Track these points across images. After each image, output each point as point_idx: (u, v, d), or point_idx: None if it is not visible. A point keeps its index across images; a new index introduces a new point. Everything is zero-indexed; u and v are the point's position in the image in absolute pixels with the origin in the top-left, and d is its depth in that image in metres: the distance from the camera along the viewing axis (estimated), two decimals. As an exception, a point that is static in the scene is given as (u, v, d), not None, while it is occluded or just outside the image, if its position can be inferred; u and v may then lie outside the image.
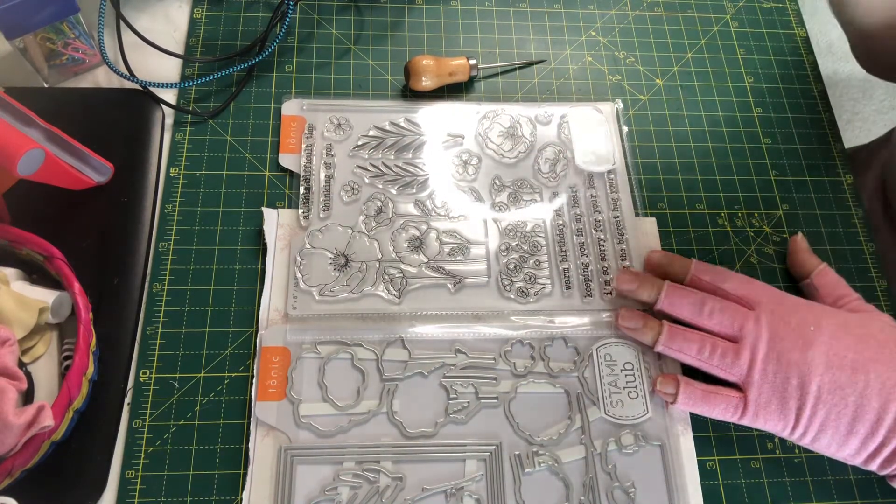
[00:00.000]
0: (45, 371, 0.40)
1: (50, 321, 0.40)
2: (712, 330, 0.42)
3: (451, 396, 0.42)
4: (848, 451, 0.39)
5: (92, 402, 0.40)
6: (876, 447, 0.38)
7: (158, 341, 0.43)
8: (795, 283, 0.48)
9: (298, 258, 0.45)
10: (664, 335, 0.42)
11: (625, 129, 0.52)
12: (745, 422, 0.40)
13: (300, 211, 0.47)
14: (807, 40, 0.59)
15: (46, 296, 0.40)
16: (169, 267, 0.45)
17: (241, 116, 0.51)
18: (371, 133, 0.50)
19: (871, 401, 0.38)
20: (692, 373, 0.42)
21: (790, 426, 0.39)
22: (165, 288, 0.44)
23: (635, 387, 0.43)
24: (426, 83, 0.51)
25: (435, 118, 0.51)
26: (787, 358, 0.39)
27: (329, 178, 0.48)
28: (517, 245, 0.47)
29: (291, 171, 0.49)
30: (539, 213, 0.48)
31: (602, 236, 0.48)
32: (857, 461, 0.39)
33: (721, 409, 0.40)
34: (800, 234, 0.48)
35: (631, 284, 0.44)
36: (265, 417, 0.40)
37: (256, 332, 0.43)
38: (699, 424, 0.43)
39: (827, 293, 0.44)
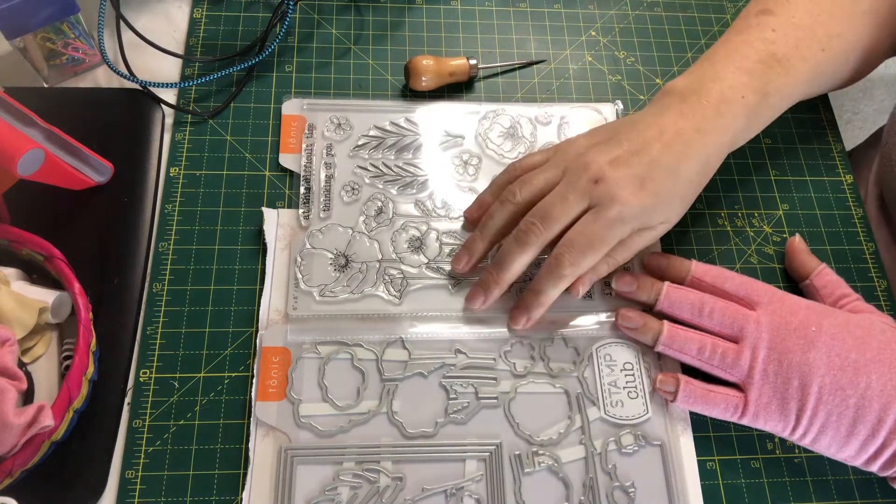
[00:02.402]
0: (45, 371, 0.40)
1: (50, 321, 0.40)
2: (712, 330, 0.42)
3: (451, 396, 0.42)
4: (848, 452, 0.39)
5: (92, 402, 0.40)
6: (877, 449, 0.38)
7: (158, 341, 0.43)
8: (795, 284, 0.48)
9: (299, 258, 0.45)
10: (664, 335, 0.42)
11: (625, 129, 0.52)
12: (745, 422, 0.40)
13: (300, 211, 0.47)
14: (807, 40, 0.58)
15: (46, 296, 0.40)
16: (169, 267, 0.45)
17: (241, 116, 0.51)
18: (371, 133, 0.50)
19: (873, 402, 0.38)
20: (693, 373, 0.42)
21: (790, 427, 0.39)
22: (165, 288, 0.44)
23: (635, 387, 0.43)
24: (426, 83, 0.51)
25: (435, 118, 0.51)
26: (789, 359, 0.39)
27: (329, 178, 0.48)
28: (517, 245, 0.47)
29: (291, 171, 0.49)
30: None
31: (602, 236, 0.48)
32: (857, 462, 0.39)
33: (721, 408, 0.40)
34: (797, 236, 0.48)
35: (630, 286, 0.44)
36: (265, 417, 0.40)
37: (256, 332, 0.43)
38: (699, 424, 0.43)
39: (827, 294, 0.44)
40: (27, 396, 0.39)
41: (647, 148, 0.41)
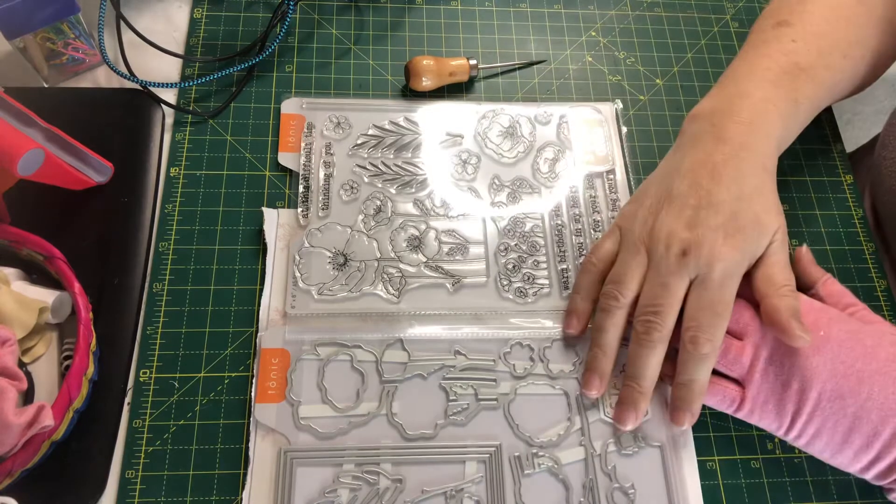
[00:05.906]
0: (45, 371, 0.40)
1: (50, 321, 0.40)
2: None
3: (451, 398, 0.42)
4: (842, 459, 0.39)
5: (92, 402, 0.40)
6: (870, 460, 0.38)
7: (158, 341, 0.43)
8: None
9: (297, 257, 0.45)
10: None
11: (624, 129, 0.52)
12: (741, 416, 0.40)
13: (299, 209, 0.47)
14: (807, 40, 0.58)
15: (46, 296, 0.40)
16: (169, 267, 0.45)
17: (242, 116, 0.50)
18: (370, 132, 0.50)
19: (871, 413, 0.38)
20: None
21: (784, 427, 0.39)
22: (165, 288, 0.44)
23: (635, 387, 0.43)
24: (426, 83, 0.51)
25: (434, 118, 0.51)
26: (791, 361, 0.39)
27: (328, 176, 0.48)
28: (516, 245, 0.47)
29: (291, 171, 0.48)
30: (538, 212, 0.48)
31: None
32: (852, 469, 0.39)
33: (718, 399, 0.40)
34: (805, 246, 0.46)
35: None
36: (264, 419, 0.40)
37: (256, 332, 0.43)
38: (699, 424, 0.43)
39: (833, 303, 0.44)
40: (27, 396, 0.39)
41: (706, 193, 0.40)
